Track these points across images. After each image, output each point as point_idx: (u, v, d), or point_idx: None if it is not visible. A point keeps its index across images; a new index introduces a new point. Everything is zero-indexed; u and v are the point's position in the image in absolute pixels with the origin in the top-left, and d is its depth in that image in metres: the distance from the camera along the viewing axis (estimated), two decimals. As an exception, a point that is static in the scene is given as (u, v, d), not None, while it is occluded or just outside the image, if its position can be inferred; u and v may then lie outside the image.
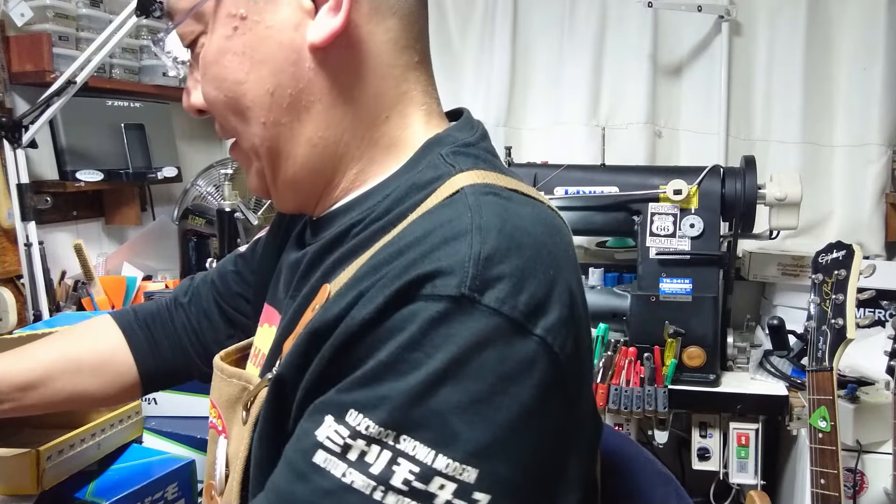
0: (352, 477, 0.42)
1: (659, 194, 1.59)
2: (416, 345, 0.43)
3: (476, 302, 0.44)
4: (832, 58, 1.99)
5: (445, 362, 0.42)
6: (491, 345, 0.43)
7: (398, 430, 0.42)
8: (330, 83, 0.55)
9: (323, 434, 0.44)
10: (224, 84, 0.56)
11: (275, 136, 0.56)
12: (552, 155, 2.01)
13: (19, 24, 1.64)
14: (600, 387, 1.55)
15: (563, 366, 0.46)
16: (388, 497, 0.42)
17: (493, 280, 0.44)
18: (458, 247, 0.45)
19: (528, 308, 0.45)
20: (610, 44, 2.11)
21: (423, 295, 0.44)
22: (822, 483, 1.27)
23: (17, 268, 1.67)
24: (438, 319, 0.43)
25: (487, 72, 2.18)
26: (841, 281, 1.31)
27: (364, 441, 0.43)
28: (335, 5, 0.53)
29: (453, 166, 0.54)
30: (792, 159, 2.02)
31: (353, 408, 0.44)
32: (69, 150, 1.81)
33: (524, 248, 0.47)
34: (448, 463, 0.42)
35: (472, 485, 0.42)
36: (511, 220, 0.48)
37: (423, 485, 0.42)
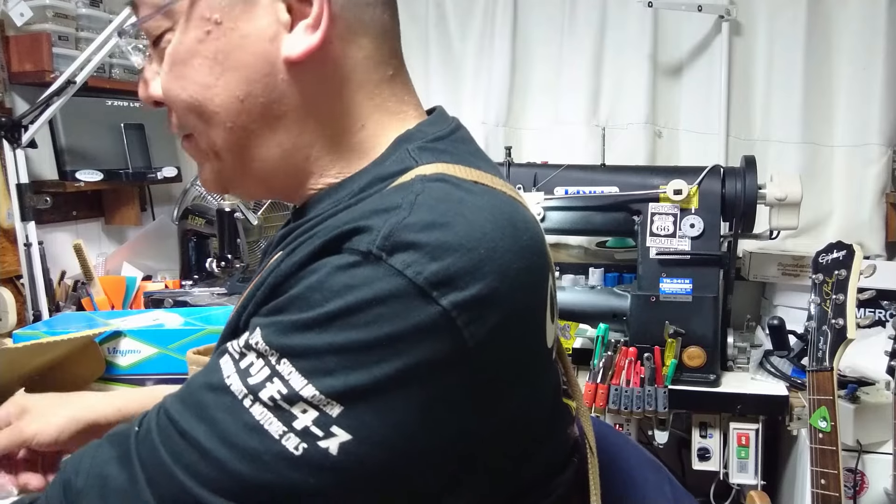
0: (232, 380, 0.47)
1: (659, 194, 1.59)
2: (318, 287, 0.46)
3: (382, 260, 0.45)
4: (832, 58, 1.99)
5: (339, 307, 0.45)
6: (387, 302, 0.45)
7: (280, 353, 0.46)
8: (303, 96, 0.56)
9: (234, 344, 0.49)
10: (190, 86, 0.56)
11: (241, 140, 0.57)
12: (552, 155, 2.00)
13: (19, 23, 1.64)
14: (600, 387, 1.55)
15: (468, 348, 0.46)
16: (255, 407, 0.46)
17: (406, 245, 0.46)
18: (384, 216, 0.48)
19: (437, 278, 0.45)
20: (610, 44, 2.11)
21: (339, 249, 0.48)
22: (822, 483, 1.27)
23: (17, 268, 1.67)
24: (343, 269, 0.46)
25: (487, 72, 2.18)
26: (841, 281, 1.31)
27: (254, 354, 0.47)
28: (314, 23, 0.54)
29: (416, 160, 0.55)
30: (792, 159, 2.02)
31: (258, 326, 0.48)
32: (69, 150, 1.81)
33: (453, 226, 0.47)
34: (315, 393, 0.45)
35: (333, 419, 0.45)
36: (451, 203, 0.49)
37: (287, 405, 0.45)
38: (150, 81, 0.59)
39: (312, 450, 0.45)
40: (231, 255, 1.87)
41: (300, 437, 0.45)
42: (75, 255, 1.73)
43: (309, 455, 0.45)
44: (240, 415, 0.46)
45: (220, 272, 1.88)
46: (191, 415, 0.47)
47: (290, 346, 0.46)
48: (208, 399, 0.47)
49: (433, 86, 2.24)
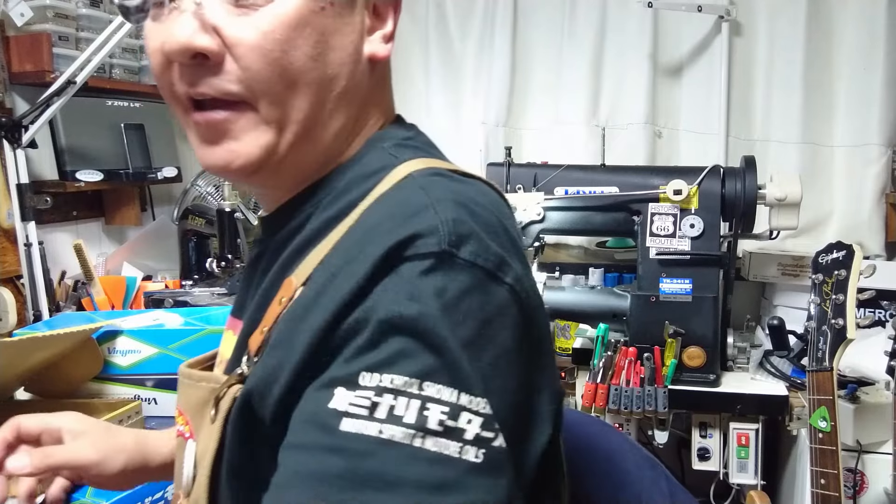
0: (390, 431, 0.44)
1: (659, 194, 1.59)
2: (412, 300, 0.46)
3: (455, 256, 0.48)
4: (832, 58, 1.99)
5: (438, 310, 0.46)
6: (474, 292, 0.48)
7: (422, 378, 0.45)
8: (368, 88, 0.62)
9: (342, 403, 0.45)
10: (296, 52, 0.55)
11: (316, 117, 0.58)
12: (552, 155, 2.01)
13: (19, 23, 1.64)
14: (600, 387, 1.55)
15: (529, 311, 0.52)
16: (427, 441, 0.44)
17: (465, 237, 0.49)
18: (424, 216, 0.50)
19: (497, 260, 0.50)
20: (610, 44, 2.11)
21: (406, 257, 0.48)
22: (822, 483, 1.27)
23: (17, 268, 1.67)
24: (426, 273, 0.47)
25: (488, 72, 2.18)
26: (841, 281, 1.31)
27: (391, 395, 0.45)
28: (389, 35, 0.62)
29: (396, 157, 0.59)
30: (792, 159, 2.02)
31: (364, 371, 0.45)
32: (69, 150, 1.81)
33: (478, 214, 0.52)
34: (471, 399, 0.46)
35: (492, 415, 0.46)
36: (459, 192, 0.54)
37: (454, 422, 0.45)
38: (224, 28, 0.54)
39: (491, 452, 0.45)
40: (231, 255, 1.87)
41: (476, 446, 0.45)
42: (75, 255, 1.73)
43: (490, 457, 0.45)
44: (418, 457, 0.44)
45: (220, 272, 1.88)
46: (364, 489, 0.43)
47: (423, 368, 0.45)
48: (373, 465, 0.43)
49: (433, 86, 2.24)
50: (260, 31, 0.54)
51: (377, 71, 0.63)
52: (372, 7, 0.61)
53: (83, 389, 1.30)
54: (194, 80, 0.55)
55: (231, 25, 0.54)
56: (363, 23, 0.61)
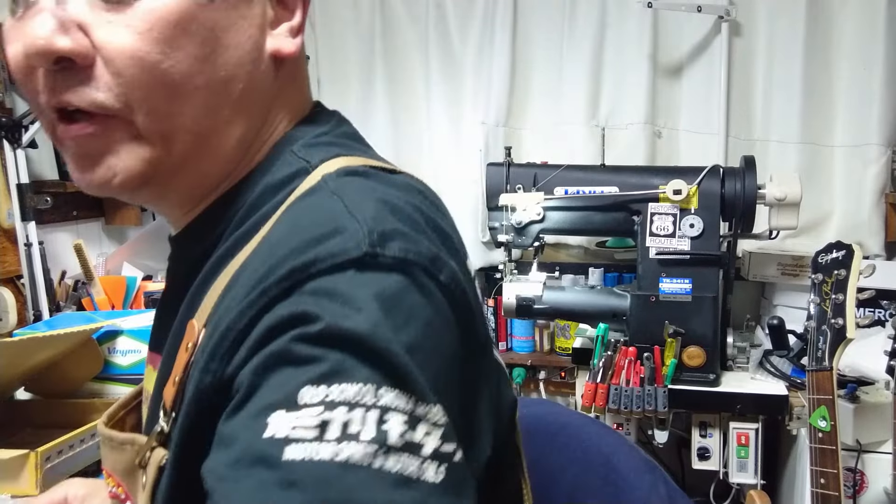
0: (346, 453, 0.36)
1: (659, 194, 1.59)
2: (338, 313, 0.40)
3: (381, 255, 0.43)
4: (832, 58, 1.99)
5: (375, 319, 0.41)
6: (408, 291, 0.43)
7: (375, 384, 0.38)
8: (271, 89, 0.56)
9: (283, 428, 0.37)
10: (179, 53, 0.48)
11: (209, 127, 0.51)
12: (552, 155, 2.01)
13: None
14: (600, 386, 1.55)
15: (468, 312, 0.47)
16: (389, 459, 0.37)
17: (389, 235, 0.44)
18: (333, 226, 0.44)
19: (430, 256, 0.45)
20: (610, 44, 2.11)
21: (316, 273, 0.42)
22: (822, 483, 1.27)
23: (17, 268, 1.67)
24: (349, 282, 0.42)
25: (487, 72, 2.18)
26: (841, 281, 1.31)
27: (344, 408, 0.37)
28: (297, 28, 0.56)
29: (307, 160, 0.53)
30: (792, 159, 2.02)
31: (307, 385, 0.38)
32: (69, 150, 1.81)
33: (400, 210, 0.48)
34: (426, 408, 0.40)
35: (449, 425, 0.41)
36: (378, 190, 0.49)
37: (413, 435, 0.38)
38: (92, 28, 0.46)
39: (452, 468, 0.39)
40: (231, 255, 1.87)
41: (437, 461, 0.39)
42: (76, 254, 1.73)
43: (451, 475, 0.39)
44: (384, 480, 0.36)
45: (220, 272, 1.88)
46: None
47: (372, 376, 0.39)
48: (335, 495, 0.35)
49: (433, 86, 2.24)
50: (134, 31, 0.46)
51: (285, 68, 0.56)
52: None
53: (83, 389, 1.30)
54: (60, 88, 0.47)
55: (99, 24, 0.46)
56: (264, 15, 0.54)
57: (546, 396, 2.17)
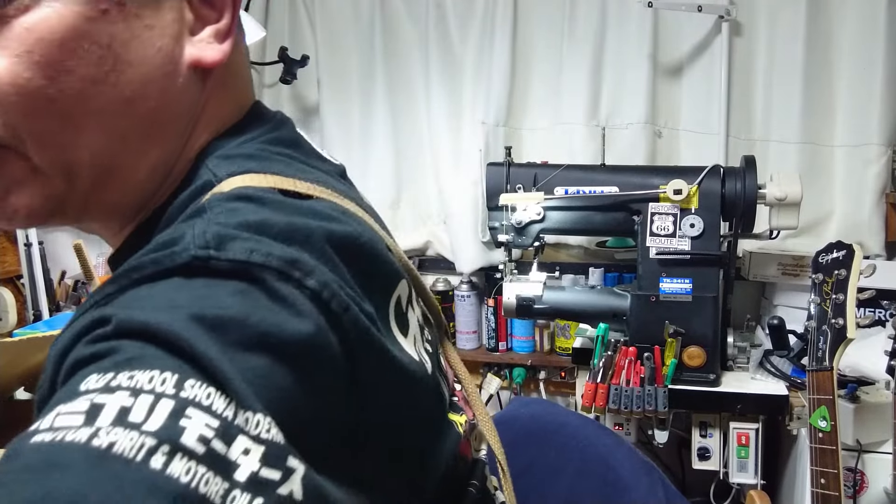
0: (109, 438, 0.27)
1: (659, 194, 1.59)
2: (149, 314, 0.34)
3: (213, 260, 0.37)
4: (832, 58, 1.99)
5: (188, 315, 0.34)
6: (247, 294, 0.36)
7: (181, 375, 0.31)
8: (195, 103, 0.49)
9: (46, 420, 0.29)
10: (68, 78, 0.42)
11: (114, 154, 0.45)
12: (552, 155, 2.01)
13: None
14: (600, 386, 1.55)
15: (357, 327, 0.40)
16: (175, 463, 0.28)
17: (225, 239, 0.38)
18: (176, 233, 0.39)
19: (288, 259, 0.38)
20: (610, 44, 2.11)
21: (138, 280, 0.37)
22: (822, 483, 1.27)
23: (17, 268, 1.68)
24: (176, 289, 0.36)
25: (487, 72, 2.18)
26: (841, 281, 1.31)
27: (127, 393, 0.29)
28: (225, 30, 0.49)
29: (215, 175, 0.47)
30: (792, 159, 2.02)
31: (92, 373, 0.31)
32: (69, 151, 1.82)
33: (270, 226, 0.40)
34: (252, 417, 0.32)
35: (282, 445, 0.32)
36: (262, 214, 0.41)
37: (224, 447, 0.30)
38: None
39: (277, 501, 0.30)
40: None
41: (253, 493, 0.29)
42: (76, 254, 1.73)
43: None
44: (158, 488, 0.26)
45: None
46: None
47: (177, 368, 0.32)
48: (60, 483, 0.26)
49: (433, 86, 2.24)
50: (11, 55, 0.40)
51: (213, 78, 0.50)
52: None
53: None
54: None
55: None
56: (180, 20, 0.47)
57: (546, 396, 2.17)
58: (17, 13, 0.40)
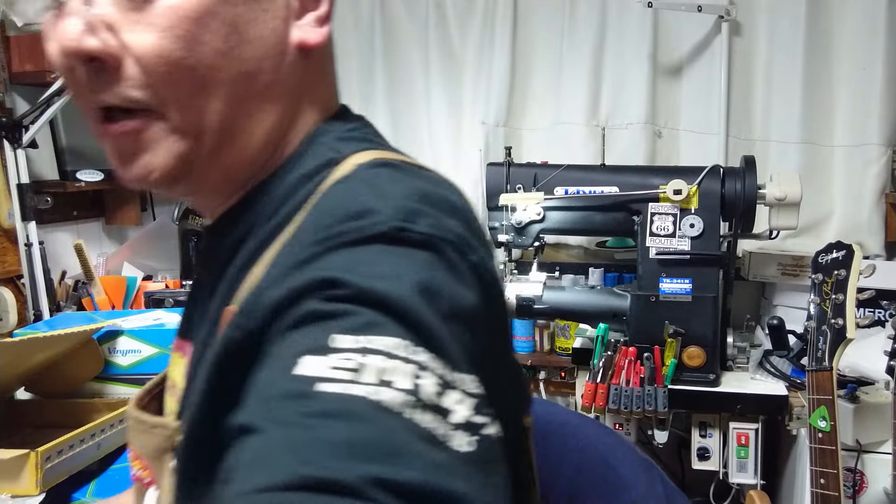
0: (381, 395, 0.35)
1: (659, 194, 1.59)
2: (372, 279, 0.40)
3: (410, 231, 0.44)
4: (832, 58, 1.99)
5: (410, 286, 0.40)
6: (438, 266, 0.43)
7: (409, 342, 0.38)
8: (300, 81, 0.56)
9: (315, 369, 0.36)
10: (202, 49, 0.49)
11: (236, 118, 0.52)
12: (552, 155, 2.01)
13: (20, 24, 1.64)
14: (600, 386, 1.55)
15: (495, 297, 0.48)
16: (425, 414, 0.36)
17: (415, 213, 0.45)
18: (360, 203, 0.45)
19: (459, 237, 0.46)
20: (610, 44, 2.11)
21: (348, 242, 0.43)
22: (821, 483, 1.27)
23: (18, 268, 1.68)
24: (381, 253, 0.42)
25: (487, 72, 2.18)
26: (841, 281, 1.31)
27: (380, 357, 0.37)
28: (324, 17, 0.56)
29: (338, 152, 0.54)
30: (792, 159, 2.02)
31: (339, 334, 0.38)
32: (69, 150, 1.81)
33: (431, 197, 0.48)
34: (460, 377, 0.39)
35: (484, 396, 0.39)
36: (408, 182, 0.50)
37: (443, 399, 0.37)
38: (117, 27, 0.48)
39: (485, 441, 0.37)
40: (231, 255, 1.87)
41: (468, 432, 0.37)
42: (76, 254, 1.73)
43: (484, 447, 0.37)
44: (413, 431, 0.35)
45: (220, 272, 1.88)
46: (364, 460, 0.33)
47: (405, 336, 0.38)
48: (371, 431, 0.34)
49: (433, 86, 2.24)
50: (157, 30, 0.48)
51: (312, 59, 0.56)
52: None
53: (84, 389, 1.30)
54: (96, 87, 0.49)
55: (126, 24, 0.48)
56: (288, 6, 0.54)
57: (546, 396, 2.17)
58: None
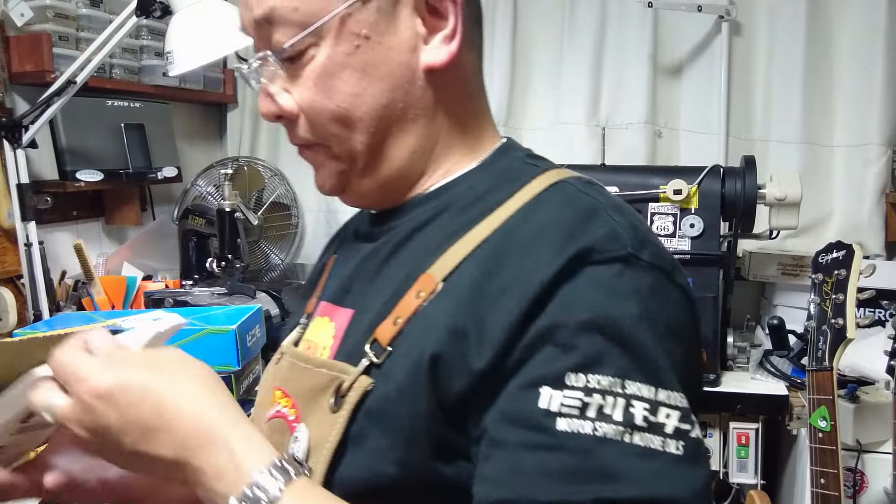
0: (602, 429, 0.48)
1: (659, 194, 1.59)
2: (607, 303, 0.50)
3: (639, 259, 0.52)
4: (832, 58, 1.99)
5: (636, 311, 0.50)
6: (659, 292, 0.53)
7: (622, 377, 0.49)
8: (435, 100, 0.63)
9: (553, 404, 0.49)
10: (339, 96, 0.60)
11: (379, 143, 0.62)
12: (552, 155, 1.98)
13: (19, 24, 1.64)
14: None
15: (696, 312, 0.58)
16: (635, 436, 0.48)
17: (643, 241, 0.54)
18: (601, 219, 0.54)
19: (671, 262, 0.56)
20: (610, 44, 2.11)
21: (593, 261, 0.52)
22: (822, 483, 1.27)
23: (17, 268, 1.67)
24: (618, 276, 0.51)
25: (488, 72, 2.15)
26: (841, 281, 1.31)
27: (600, 395, 0.48)
28: (451, 34, 0.61)
29: (536, 166, 0.64)
30: (792, 159, 2.02)
31: (570, 371, 0.49)
32: (69, 150, 1.81)
33: (641, 221, 0.58)
34: (668, 394, 0.50)
35: (688, 408, 0.51)
36: (615, 201, 0.58)
37: (655, 417, 0.49)
38: (277, 96, 0.62)
39: (690, 443, 0.49)
40: (231, 255, 1.87)
41: (677, 438, 0.49)
42: (76, 254, 1.73)
43: (689, 448, 0.49)
44: (630, 452, 0.48)
45: (220, 272, 1.88)
46: (590, 483, 0.47)
47: (627, 367, 0.49)
48: (594, 461, 0.47)
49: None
50: (306, 88, 0.61)
51: (445, 75, 0.62)
52: (426, 9, 0.61)
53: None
54: (288, 131, 0.65)
55: (294, 89, 0.62)
56: (414, 35, 0.61)
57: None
58: (308, 61, 0.60)
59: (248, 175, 2.21)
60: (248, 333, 1.38)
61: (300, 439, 0.58)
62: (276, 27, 0.59)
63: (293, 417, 0.61)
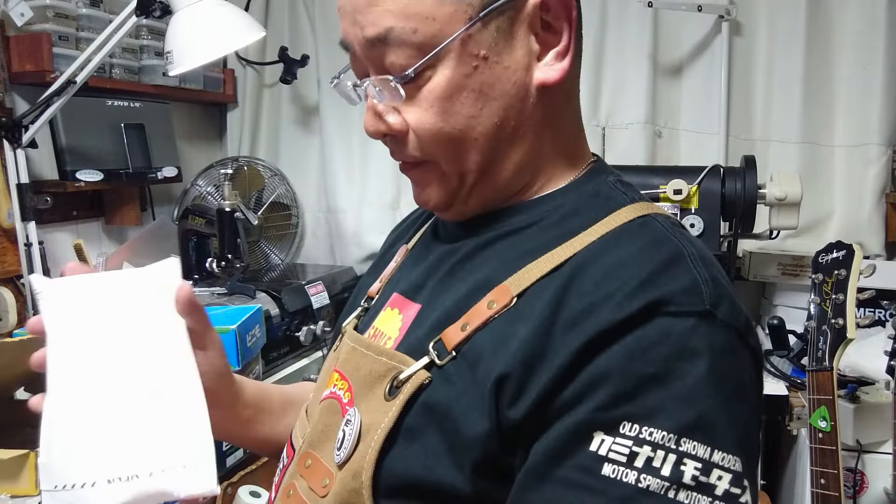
0: (647, 481, 0.48)
1: (659, 194, 1.59)
2: (676, 357, 0.50)
3: (714, 316, 0.52)
4: (832, 58, 1.99)
5: (704, 370, 0.50)
6: (730, 352, 0.52)
7: (678, 434, 0.48)
8: (543, 115, 0.63)
9: (603, 449, 0.49)
10: (455, 118, 0.60)
11: (490, 161, 0.62)
12: (552, 155, 2.00)
13: (19, 23, 1.64)
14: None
15: (760, 371, 0.57)
16: (680, 494, 0.48)
17: (722, 298, 0.53)
18: (683, 268, 0.54)
19: (746, 323, 0.54)
20: (610, 44, 2.11)
21: (668, 312, 0.51)
22: (822, 483, 1.27)
23: (17, 268, 1.67)
24: (691, 332, 0.51)
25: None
26: (841, 281, 1.31)
27: (650, 448, 0.48)
28: (563, 50, 0.61)
29: (626, 194, 0.63)
30: (792, 159, 2.02)
31: (625, 420, 0.49)
32: (69, 150, 1.81)
33: (722, 274, 0.56)
34: (724, 456, 0.49)
35: (741, 472, 0.49)
36: (700, 249, 0.57)
37: (706, 478, 0.48)
38: (386, 115, 0.62)
39: None
40: (231, 255, 1.87)
41: (725, 502, 0.48)
42: (76, 254, 1.73)
43: None
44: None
45: (220, 272, 1.88)
46: None
47: (684, 425, 0.49)
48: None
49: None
50: (421, 110, 0.60)
51: (555, 90, 0.62)
52: (540, 25, 0.60)
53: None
54: (394, 148, 0.64)
55: (405, 109, 0.61)
56: (529, 53, 0.60)
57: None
58: (424, 83, 0.59)
59: (248, 175, 2.21)
60: (248, 333, 1.38)
61: (352, 422, 0.59)
62: (392, 48, 0.58)
63: (347, 400, 0.63)
